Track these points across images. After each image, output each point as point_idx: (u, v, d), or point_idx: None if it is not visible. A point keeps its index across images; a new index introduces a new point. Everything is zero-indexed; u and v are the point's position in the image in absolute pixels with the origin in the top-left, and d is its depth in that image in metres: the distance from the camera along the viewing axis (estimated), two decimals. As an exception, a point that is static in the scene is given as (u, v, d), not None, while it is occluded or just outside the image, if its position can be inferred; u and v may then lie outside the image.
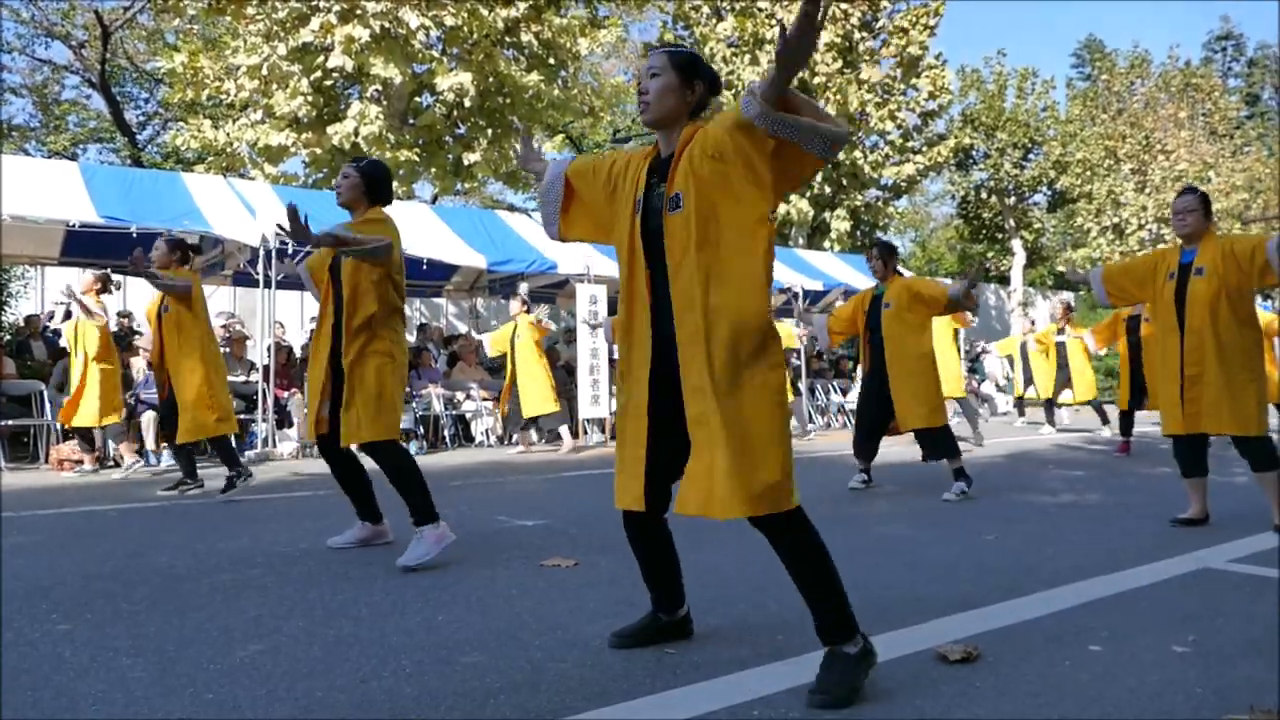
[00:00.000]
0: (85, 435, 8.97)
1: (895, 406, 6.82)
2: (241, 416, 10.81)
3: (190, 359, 7.02)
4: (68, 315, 12.56)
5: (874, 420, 7.08)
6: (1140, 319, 9.67)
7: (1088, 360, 12.80)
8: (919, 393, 6.78)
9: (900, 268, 7.37)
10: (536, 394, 11.00)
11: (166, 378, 7.10)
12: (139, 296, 13.36)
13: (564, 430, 11.42)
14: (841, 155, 21.69)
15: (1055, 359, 12.96)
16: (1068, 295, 31.16)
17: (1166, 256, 5.47)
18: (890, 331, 6.85)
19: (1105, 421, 12.93)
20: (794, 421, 14.15)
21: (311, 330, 13.69)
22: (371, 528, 4.97)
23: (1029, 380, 14.10)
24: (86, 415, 8.66)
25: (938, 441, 6.85)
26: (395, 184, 4.92)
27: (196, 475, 7.39)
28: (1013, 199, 32.08)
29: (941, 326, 11.20)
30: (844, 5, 21.15)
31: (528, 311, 11.38)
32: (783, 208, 21.55)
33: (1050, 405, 13.66)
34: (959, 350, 12.54)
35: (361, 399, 4.50)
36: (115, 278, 9.22)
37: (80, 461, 9.14)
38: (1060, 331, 12.87)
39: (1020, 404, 15.26)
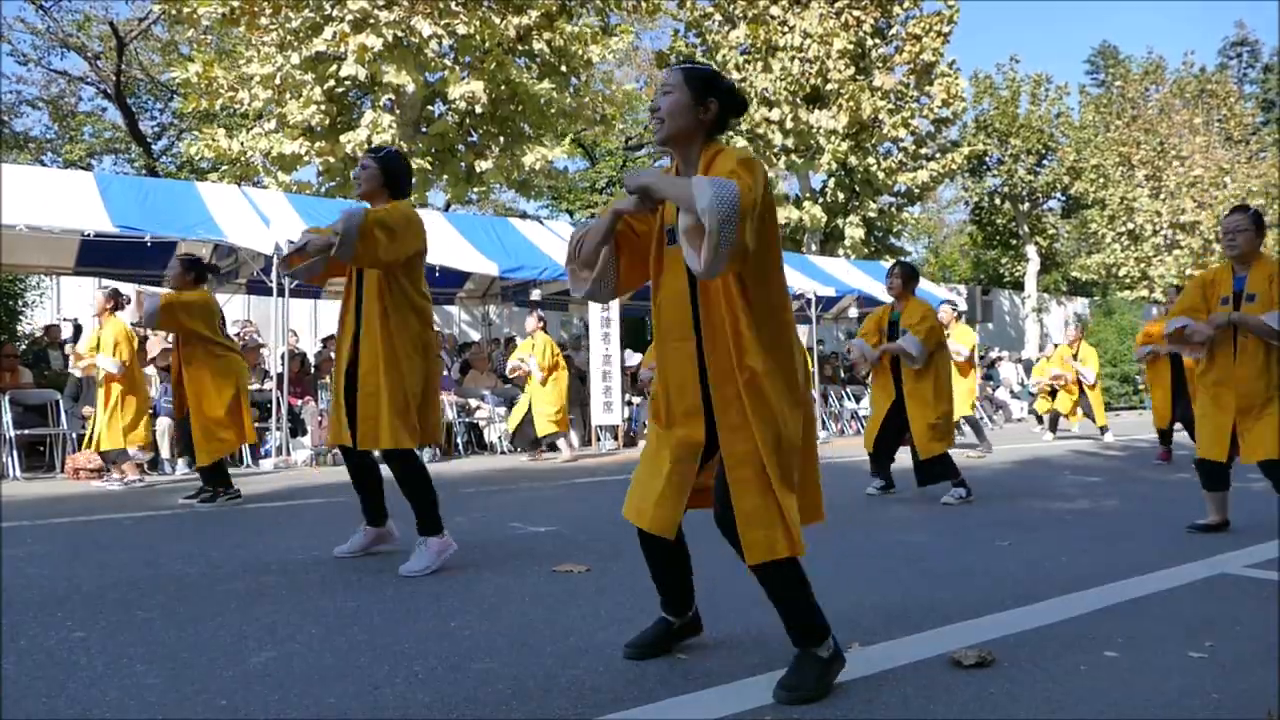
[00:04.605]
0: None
1: (912, 431, 6.85)
2: (256, 425, 10.85)
3: (207, 378, 6.96)
4: (77, 332, 12.65)
5: (891, 442, 7.12)
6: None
7: (1099, 386, 12.89)
8: (936, 419, 6.80)
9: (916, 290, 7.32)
10: (548, 415, 11.02)
11: (184, 395, 7.03)
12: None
13: (562, 442, 11.39)
14: (854, 161, 21.68)
15: (1076, 391, 12.90)
16: (1082, 301, 31.15)
17: (1217, 279, 5.32)
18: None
19: (1104, 432, 12.87)
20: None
21: (325, 339, 13.71)
22: (375, 532, 4.94)
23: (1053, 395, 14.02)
24: (112, 438, 8.52)
25: (937, 469, 6.86)
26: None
27: (231, 483, 7.23)
28: (1026, 205, 31.98)
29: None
30: (857, 12, 21.13)
31: (544, 328, 11.39)
32: (796, 214, 21.52)
33: (1057, 415, 13.60)
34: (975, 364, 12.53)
35: (378, 404, 4.49)
36: (124, 292, 9.10)
37: (102, 471, 9.15)
38: (1075, 356, 12.84)
39: (1039, 417, 15.19)
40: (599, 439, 13.11)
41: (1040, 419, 15.15)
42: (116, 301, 8.56)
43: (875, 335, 7.19)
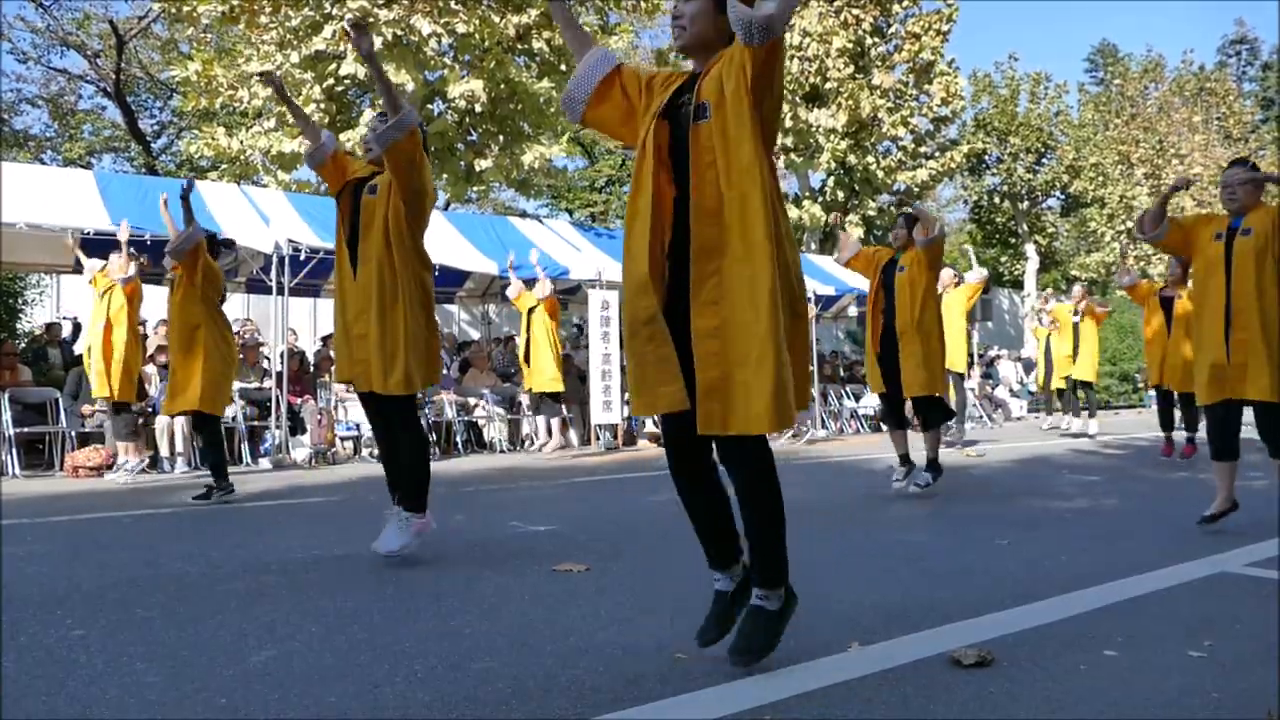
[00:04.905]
0: (126, 416, 8.99)
1: (902, 371, 6.82)
2: (255, 423, 10.87)
3: (191, 340, 7.16)
4: (76, 330, 12.69)
5: (898, 383, 6.99)
6: (1174, 299, 9.47)
7: (1097, 343, 12.78)
8: (923, 358, 6.78)
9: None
10: (546, 371, 11.14)
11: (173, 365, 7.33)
12: (148, 301, 13.41)
13: (555, 423, 11.44)
14: (854, 160, 21.65)
15: (1071, 340, 12.88)
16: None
17: (1219, 219, 5.24)
18: (901, 296, 6.86)
19: (1092, 415, 12.87)
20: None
21: (324, 337, 13.68)
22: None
23: (1050, 372, 14.05)
24: (116, 386, 8.68)
25: (934, 407, 6.93)
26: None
27: (227, 479, 7.25)
28: (1026, 204, 31.99)
29: (953, 301, 11.24)
30: (856, 10, 21.12)
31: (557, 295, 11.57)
32: (795, 213, 21.50)
33: (1067, 394, 13.63)
34: (970, 351, 12.50)
35: (366, 348, 4.51)
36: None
37: (102, 468, 9.22)
38: (1076, 312, 12.82)
39: (1049, 399, 15.09)
40: (599, 438, 13.10)
41: (1050, 409, 14.87)
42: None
43: (870, 268, 7.18)
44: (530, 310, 11.55)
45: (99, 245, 10.67)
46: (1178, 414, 9.97)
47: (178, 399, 7.18)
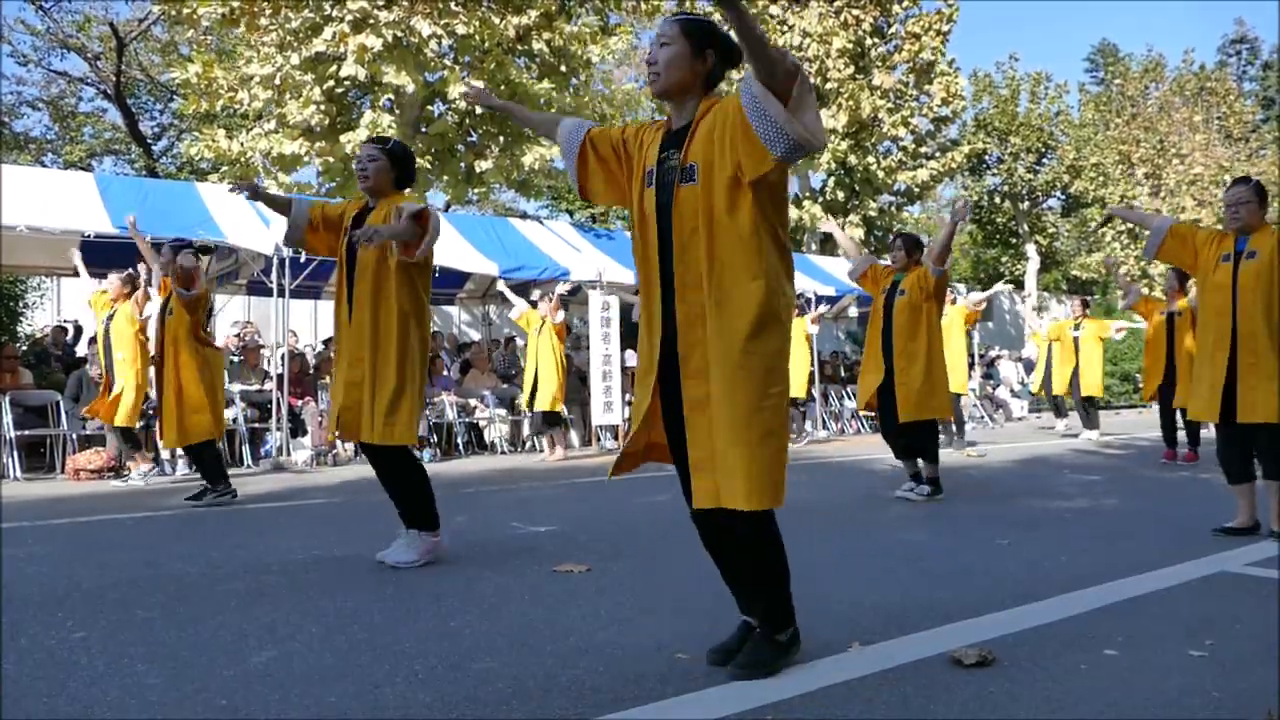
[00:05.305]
0: (129, 437, 9.02)
1: (897, 395, 6.73)
2: (256, 425, 10.87)
3: (190, 363, 7.28)
4: (77, 333, 12.70)
5: (895, 412, 6.90)
6: (1174, 314, 9.45)
7: (1100, 357, 12.75)
8: (920, 387, 6.69)
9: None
10: (547, 391, 11.12)
11: (162, 379, 7.40)
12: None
13: (557, 436, 11.44)
14: (854, 160, 21.66)
15: (1070, 354, 12.82)
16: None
17: (1224, 239, 5.24)
18: (900, 320, 6.78)
19: (1094, 427, 12.82)
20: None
21: (325, 339, 13.67)
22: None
23: (1048, 378, 14.05)
24: (123, 414, 8.74)
25: (924, 436, 6.84)
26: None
27: (228, 481, 7.29)
28: (1026, 204, 31.98)
29: (951, 323, 11.21)
30: (856, 11, 21.12)
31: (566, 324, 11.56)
32: (795, 213, 21.48)
33: (1060, 400, 13.67)
34: (970, 351, 12.44)
35: (361, 393, 4.48)
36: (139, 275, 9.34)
37: (103, 471, 9.25)
38: (1076, 327, 12.77)
39: (1053, 402, 15.07)
40: (599, 439, 13.10)
41: (1058, 406, 14.73)
42: (133, 287, 8.89)
43: (873, 288, 7.11)
44: (537, 330, 11.40)
45: (100, 249, 10.69)
46: (1181, 432, 9.93)
47: (181, 432, 7.28)
